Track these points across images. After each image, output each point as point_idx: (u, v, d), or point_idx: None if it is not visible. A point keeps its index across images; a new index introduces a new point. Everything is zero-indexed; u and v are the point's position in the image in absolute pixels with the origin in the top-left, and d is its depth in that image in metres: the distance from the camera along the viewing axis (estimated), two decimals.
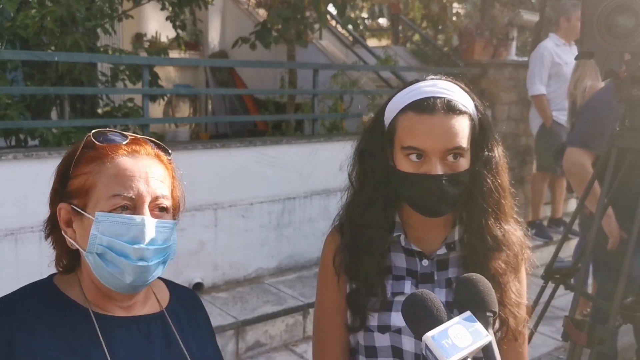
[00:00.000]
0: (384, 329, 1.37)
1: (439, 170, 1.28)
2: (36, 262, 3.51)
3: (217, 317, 3.81)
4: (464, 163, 1.31)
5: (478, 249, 1.37)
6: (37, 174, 3.56)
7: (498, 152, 1.38)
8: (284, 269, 4.72)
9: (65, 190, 1.19)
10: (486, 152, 1.35)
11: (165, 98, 6.83)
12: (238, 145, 4.56)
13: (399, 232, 1.41)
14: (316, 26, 6.43)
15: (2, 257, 3.45)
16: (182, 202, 1.31)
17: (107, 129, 1.24)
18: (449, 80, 1.38)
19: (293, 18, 5.57)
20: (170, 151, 1.28)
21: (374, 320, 1.38)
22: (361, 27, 6.51)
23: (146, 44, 7.25)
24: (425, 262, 1.40)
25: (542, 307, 2.88)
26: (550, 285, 2.84)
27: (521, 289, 1.43)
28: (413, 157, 1.30)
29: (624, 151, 2.30)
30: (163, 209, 1.20)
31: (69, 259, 1.23)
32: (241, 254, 4.50)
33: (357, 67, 6.58)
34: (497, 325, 1.36)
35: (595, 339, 2.07)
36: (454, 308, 1.11)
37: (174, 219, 1.25)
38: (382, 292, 1.38)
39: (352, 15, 6.35)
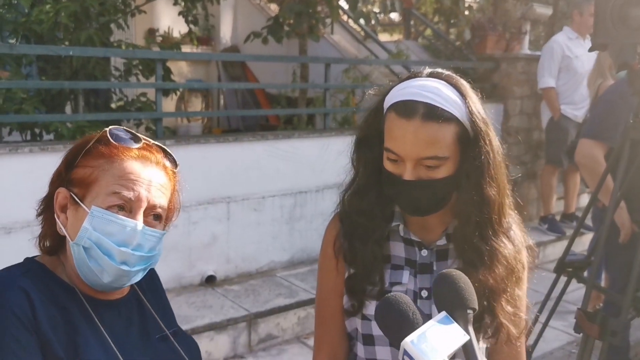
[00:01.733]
0: None
1: (410, 175, 1.26)
2: None
3: (229, 310, 3.83)
4: (442, 171, 1.27)
5: (462, 258, 1.35)
6: (53, 167, 3.60)
7: (489, 161, 1.29)
8: (296, 262, 4.74)
9: (68, 177, 1.22)
10: (472, 162, 1.29)
11: (178, 92, 6.86)
12: (250, 139, 4.58)
13: (398, 222, 1.40)
14: (328, 20, 6.43)
15: (19, 249, 3.49)
16: (176, 215, 1.32)
17: (125, 127, 1.25)
18: (443, 80, 1.31)
19: (305, 12, 5.58)
20: (178, 164, 1.29)
21: (372, 309, 1.37)
22: (373, 22, 6.50)
23: (159, 39, 7.27)
24: (424, 252, 1.39)
25: (554, 301, 2.88)
26: (563, 280, 2.84)
27: (518, 303, 1.39)
28: (392, 157, 1.30)
29: (637, 143, 2.30)
30: (157, 217, 1.22)
31: (54, 242, 1.25)
32: (253, 247, 4.53)
33: (368, 62, 6.57)
34: (490, 332, 1.35)
35: (608, 331, 2.07)
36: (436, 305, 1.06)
37: (164, 229, 1.26)
38: (380, 280, 1.38)
39: (364, 9, 6.33)
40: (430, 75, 1.33)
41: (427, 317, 1.24)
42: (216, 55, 8.21)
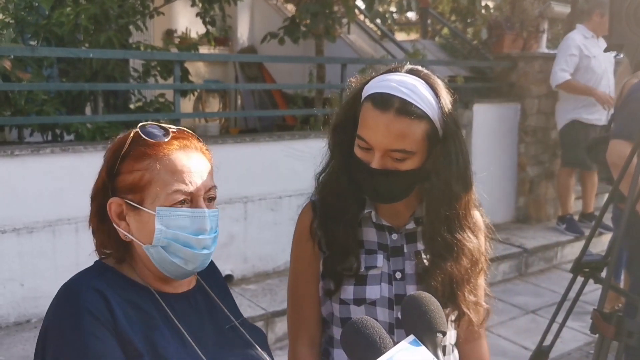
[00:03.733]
0: (359, 301, 1.44)
1: (377, 164, 1.33)
2: (72, 254, 3.61)
3: (246, 309, 3.87)
4: (408, 164, 1.33)
5: (430, 249, 1.43)
6: (74, 167, 3.67)
7: (458, 160, 1.36)
8: None
9: (114, 185, 1.22)
10: (441, 160, 1.35)
11: (196, 93, 6.92)
12: (267, 139, 4.61)
13: (369, 209, 1.47)
14: (344, 21, 6.44)
15: (40, 249, 3.56)
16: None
17: (149, 122, 1.27)
18: (421, 78, 1.36)
19: (321, 13, 5.60)
20: (202, 141, 1.33)
21: (349, 293, 1.45)
22: (389, 21, 6.49)
23: (177, 40, 7.35)
24: (394, 236, 1.47)
25: (571, 302, 2.87)
26: (580, 280, 2.82)
27: (479, 292, 1.49)
28: (362, 145, 1.35)
29: None
30: (212, 199, 1.27)
31: (119, 249, 1.26)
32: (270, 246, 4.56)
33: (385, 62, 6.56)
34: (452, 319, 1.45)
35: (624, 332, 2.06)
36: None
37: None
38: (356, 262, 1.44)
39: (380, 9, 6.33)
40: (410, 71, 1.39)
41: (403, 297, 1.30)
42: (233, 56, 8.27)
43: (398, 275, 1.45)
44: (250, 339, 1.33)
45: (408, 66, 1.40)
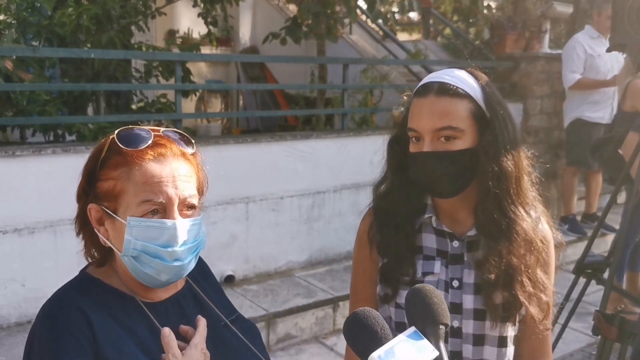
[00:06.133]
0: None
1: (428, 147, 1.34)
2: (74, 254, 3.61)
3: (248, 309, 3.85)
4: (458, 143, 1.34)
5: (483, 231, 1.39)
6: (75, 168, 3.64)
7: (504, 137, 1.36)
8: (314, 262, 4.76)
9: (94, 191, 1.21)
10: (488, 139, 1.35)
11: (197, 93, 6.92)
12: (269, 139, 4.61)
13: (430, 214, 1.46)
14: (346, 21, 6.43)
15: (42, 249, 3.56)
16: (206, 188, 1.31)
17: (131, 126, 1.23)
18: (458, 68, 1.42)
19: (323, 13, 5.59)
20: (193, 141, 1.26)
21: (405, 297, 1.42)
22: (391, 22, 6.49)
23: (178, 41, 7.33)
24: (455, 244, 1.44)
25: (574, 303, 2.86)
26: (582, 281, 2.82)
27: (541, 285, 1.40)
28: (414, 138, 1.38)
29: None
30: (191, 207, 1.21)
31: (101, 253, 1.25)
32: (272, 247, 4.56)
33: (387, 62, 6.57)
34: (510, 312, 1.39)
35: (626, 333, 2.06)
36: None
37: (200, 212, 1.25)
38: (412, 270, 1.43)
39: (382, 9, 6.33)
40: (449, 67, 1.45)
41: (459, 306, 1.34)
42: (235, 56, 8.27)
43: (455, 283, 1.42)
44: (242, 337, 1.30)
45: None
